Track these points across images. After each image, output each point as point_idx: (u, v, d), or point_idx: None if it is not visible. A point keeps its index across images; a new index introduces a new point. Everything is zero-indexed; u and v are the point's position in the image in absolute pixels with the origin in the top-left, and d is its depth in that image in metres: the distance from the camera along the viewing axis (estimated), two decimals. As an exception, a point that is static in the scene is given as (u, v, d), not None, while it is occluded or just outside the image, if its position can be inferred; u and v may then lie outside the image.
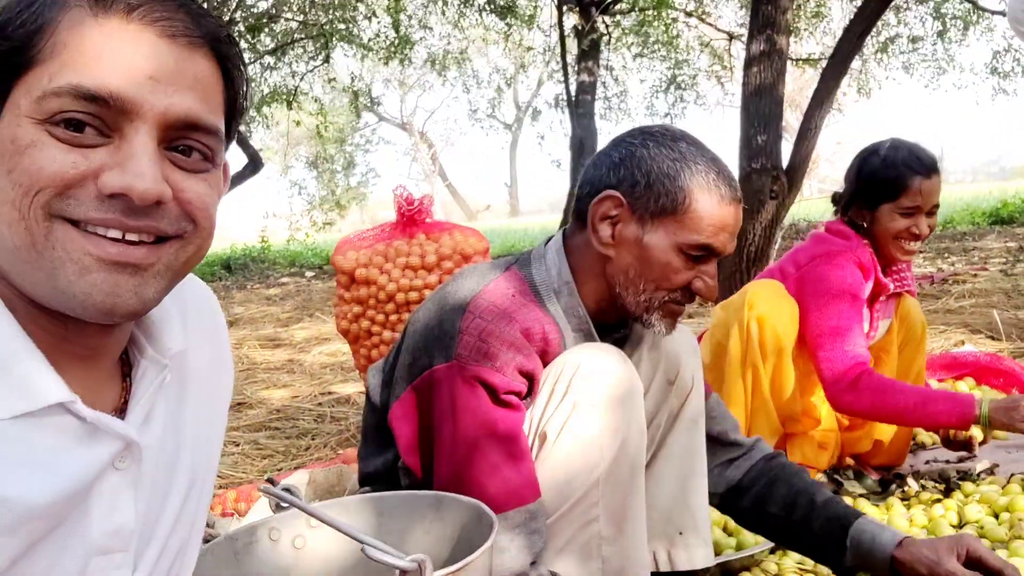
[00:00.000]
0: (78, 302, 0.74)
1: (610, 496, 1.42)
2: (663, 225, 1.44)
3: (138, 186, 0.73)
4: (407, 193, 2.98)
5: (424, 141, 38.81)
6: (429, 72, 33.02)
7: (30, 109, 0.73)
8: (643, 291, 1.47)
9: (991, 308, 5.22)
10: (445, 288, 1.52)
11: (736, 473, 1.73)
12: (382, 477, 1.58)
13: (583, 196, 1.52)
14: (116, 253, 0.74)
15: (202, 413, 0.96)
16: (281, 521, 1.32)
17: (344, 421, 3.65)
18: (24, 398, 0.74)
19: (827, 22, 14.12)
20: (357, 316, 2.86)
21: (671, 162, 1.44)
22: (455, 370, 1.38)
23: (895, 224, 2.30)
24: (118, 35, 0.74)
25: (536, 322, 1.44)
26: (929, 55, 14.79)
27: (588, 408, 1.40)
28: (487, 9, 12.90)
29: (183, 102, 0.76)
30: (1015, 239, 10.42)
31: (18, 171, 0.73)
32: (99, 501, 0.81)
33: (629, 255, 1.46)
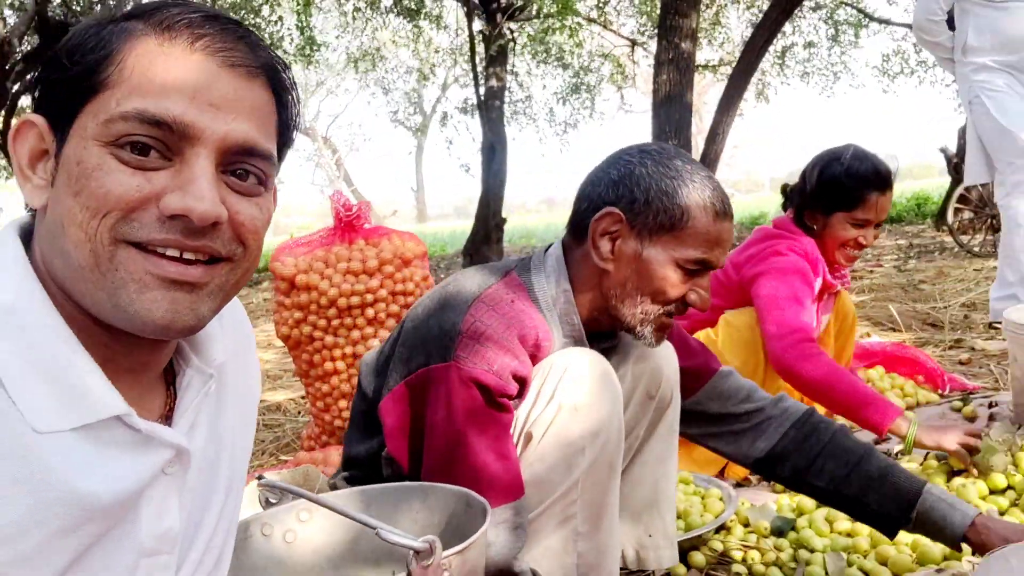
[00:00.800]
0: (139, 319, 0.78)
1: (588, 494, 1.50)
2: (661, 241, 1.51)
3: (198, 208, 0.77)
4: (344, 199, 3.02)
5: (328, 146, 38.31)
6: (332, 76, 32.65)
7: (97, 132, 0.77)
8: (639, 304, 1.53)
9: (889, 302, 5.55)
10: (446, 288, 1.56)
11: (764, 444, 1.78)
12: (364, 463, 1.62)
13: (581, 212, 1.58)
14: (175, 272, 0.78)
15: (238, 420, 1.00)
16: (272, 517, 1.36)
17: (279, 428, 3.65)
18: (85, 410, 0.78)
19: (727, 30, 14.61)
20: (298, 322, 2.88)
21: (669, 180, 1.51)
22: (453, 370, 1.42)
23: (845, 233, 2.40)
24: (182, 63, 0.79)
25: (532, 328, 1.50)
26: (823, 61, 15.49)
27: (572, 411, 1.46)
28: (394, 11, 12.88)
29: (241, 128, 0.81)
30: (905, 237, 11.02)
31: (85, 194, 0.76)
32: (148, 505, 0.85)
33: (627, 269, 1.53)
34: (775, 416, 1.79)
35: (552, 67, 15.68)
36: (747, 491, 2.40)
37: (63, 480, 0.76)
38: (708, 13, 13.70)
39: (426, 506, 1.38)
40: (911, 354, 3.39)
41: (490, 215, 12.08)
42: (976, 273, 6.56)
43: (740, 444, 1.81)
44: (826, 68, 15.55)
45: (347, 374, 2.87)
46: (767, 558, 1.98)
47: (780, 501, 2.23)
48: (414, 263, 2.95)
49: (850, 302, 2.76)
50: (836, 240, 2.43)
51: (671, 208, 1.50)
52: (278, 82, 0.86)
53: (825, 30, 14.80)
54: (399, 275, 2.88)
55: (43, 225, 0.82)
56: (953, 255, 8.30)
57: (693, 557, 1.98)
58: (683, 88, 6.77)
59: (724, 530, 2.11)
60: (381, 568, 1.38)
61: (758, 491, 2.41)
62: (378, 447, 1.59)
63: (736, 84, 6.98)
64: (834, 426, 1.79)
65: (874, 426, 2.19)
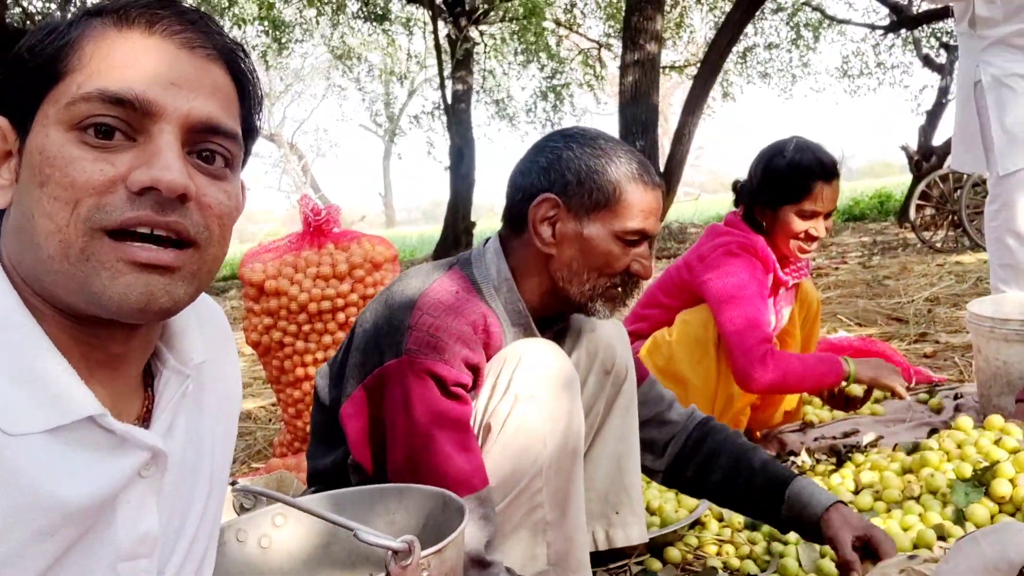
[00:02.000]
0: (114, 303, 0.77)
1: (553, 483, 1.51)
2: (599, 218, 1.55)
3: (164, 177, 0.76)
4: (312, 203, 3.00)
5: (294, 152, 38.08)
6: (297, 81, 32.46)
7: (58, 116, 0.76)
8: (587, 280, 1.58)
9: (854, 298, 5.62)
10: (391, 288, 1.58)
11: (675, 448, 1.84)
12: (331, 475, 1.61)
13: (516, 202, 1.61)
14: (147, 257, 0.77)
15: (218, 423, 0.99)
16: (246, 522, 1.35)
17: (250, 436, 3.61)
18: (57, 412, 0.77)
19: (690, 32, 14.74)
20: (268, 328, 2.85)
21: (596, 159, 1.56)
22: (405, 364, 1.44)
23: (794, 226, 2.40)
24: (141, 46, 0.79)
25: (480, 316, 1.52)
26: (785, 62, 15.69)
27: (529, 400, 1.48)
28: (361, 16, 12.85)
29: (204, 106, 0.80)
30: (868, 234, 11.17)
31: (51, 183, 0.75)
32: (125, 508, 0.84)
33: (570, 250, 1.57)
34: (686, 423, 1.86)
35: (521, 69, 15.71)
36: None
37: (36, 483, 0.75)
38: (673, 14, 13.82)
39: (403, 507, 1.38)
40: (878, 348, 3.44)
41: (459, 219, 12.09)
42: (939, 268, 6.67)
43: (654, 450, 1.86)
44: (787, 69, 15.77)
45: (319, 379, 2.85)
46: (742, 552, 2.00)
47: (753, 495, 2.24)
48: (385, 267, 2.94)
49: (813, 290, 2.78)
50: (786, 234, 2.43)
51: (603, 185, 1.55)
52: (238, 69, 0.86)
53: (787, 32, 14.99)
54: (370, 279, 2.87)
55: (8, 223, 0.81)
56: (916, 251, 8.44)
57: (669, 553, 1.99)
58: (649, 89, 6.81)
59: (699, 525, 2.13)
60: (357, 571, 1.38)
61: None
62: (343, 456, 1.59)
63: (701, 85, 7.04)
64: (727, 429, 1.85)
65: (835, 382, 2.37)
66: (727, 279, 2.39)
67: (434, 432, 1.43)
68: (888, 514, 2.05)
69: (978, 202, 8.05)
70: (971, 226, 7.97)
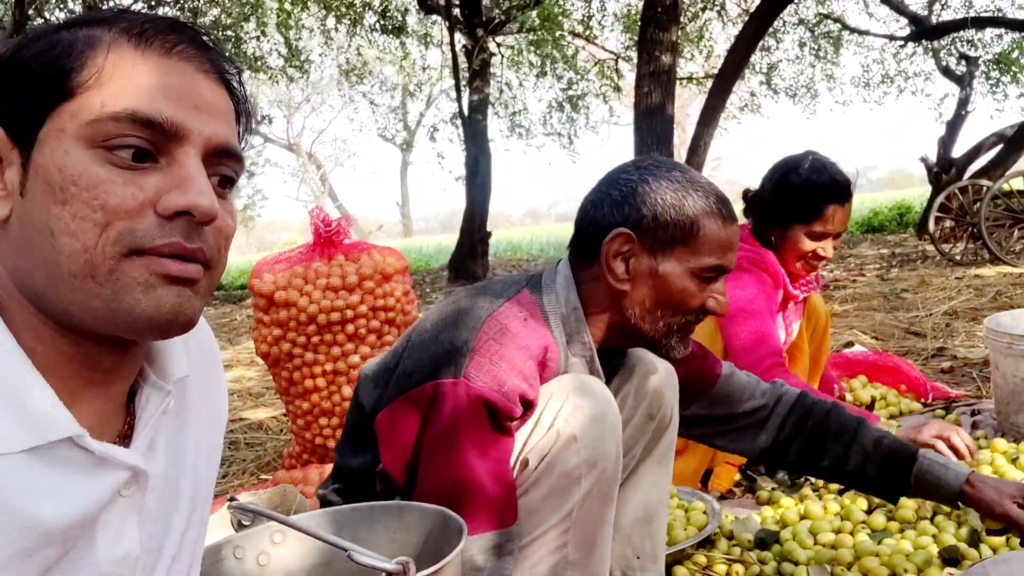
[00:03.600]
0: (146, 316, 0.76)
1: (581, 525, 1.47)
2: (675, 254, 1.50)
3: (202, 203, 0.77)
4: (324, 214, 2.99)
5: (313, 162, 38.31)
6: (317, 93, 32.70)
7: (80, 132, 0.75)
8: (660, 318, 1.53)
9: (872, 311, 5.57)
10: (458, 303, 1.53)
11: (766, 437, 1.86)
12: (357, 476, 1.58)
13: (587, 235, 1.55)
14: (178, 270, 0.78)
15: (201, 441, 0.97)
16: (245, 539, 1.33)
17: (260, 447, 3.61)
18: (34, 432, 0.75)
19: (711, 44, 14.71)
20: (277, 339, 2.85)
21: (672, 192, 1.50)
22: (461, 387, 1.39)
23: (803, 245, 2.34)
24: (163, 68, 0.78)
25: (542, 348, 1.47)
26: (807, 76, 15.62)
27: (570, 440, 1.43)
28: (378, 28, 12.92)
29: (221, 130, 0.81)
30: (887, 246, 11.10)
31: (77, 203, 0.74)
32: (105, 528, 0.82)
33: (645, 286, 1.52)
34: (774, 407, 1.87)
35: (537, 80, 15.74)
36: (731, 504, 2.39)
37: (14, 503, 0.73)
38: (692, 26, 13.80)
39: (403, 525, 1.36)
40: (893, 363, 3.39)
41: (475, 229, 12.09)
42: (958, 281, 6.60)
43: (744, 440, 1.89)
44: (807, 81, 15.69)
45: (327, 391, 2.84)
46: (751, 571, 1.97)
47: (764, 514, 2.22)
48: (395, 278, 2.93)
49: (822, 304, 2.75)
50: (794, 252, 2.37)
51: (680, 220, 1.49)
52: (236, 94, 0.87)
53: (807, 43, 14.93)
54: (379, 290, 2.86)
55: (8, 237, 0.79)
56: (935, 264, 8.36)
57: (676, 572, 1.96)
58: (664, 100, 6.79)
59: (708, 544, 2.10)
60: (357, 589, 1.36)
61: (742, 504, 2.39)
62: (371, 462, 1.55)
63: (717, 96, 7.01)
64: (827, 404, 1.87)
65: None
66: (735, 292, 2.34)
67: (474, 461, 1.39)
68: (902, 535, 2.01)
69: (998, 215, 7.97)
70: (991, 239, 7.89)
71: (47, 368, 0.78)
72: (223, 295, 13.19)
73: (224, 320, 9.18)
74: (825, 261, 2.41)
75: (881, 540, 1.96)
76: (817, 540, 2.04)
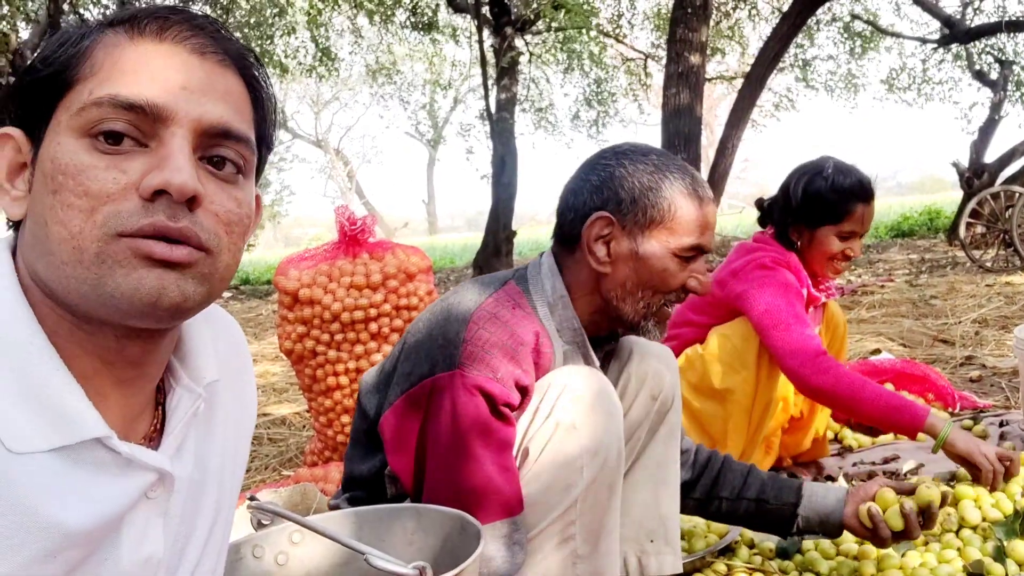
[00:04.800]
0: (126, 299, 0.75)
1: (588, 515, 1.47)
2: (654, 235, 1.53)
3: (175, 179, 0.75)
4: (349, 212, 3.00)
5: (340, 158, 38.48)
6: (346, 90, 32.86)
7: (69, 123, 0.76)
8: (641, 299, 1.56)
9: (900, 317, 5.50)
10: (447, 300, 1.55)
11: (686, 474, 1.87)
12: (368, 482, 1.59)
13: (568, 221, 1.59)
14: (161, 252, 0.76)
15: (228, 445, 0.97)
16: (263, 539, 1.33)
17: (283, 443, 3.63)
18: (62, 432, 0.76)
19: (741, 42, 14.60)
20: (301, 336, 2.86)
21: (648, 175, 1.54)
22: (457, 378, 1.41)
23: (832, 246, 2.39)
24: (152, 52, 0.78)
25: (533, 335, 1.50)
26: (835, 77, 15.46)
27: (569, 428, 1.45)
28: (408, 26, 12.94)
29: (215, 109, 0.80)
30: (916, 251, 10.96)
31: (64, 191, 0.75)
32: (130, 530, 0.82)
33: (625, 268, 1.55)
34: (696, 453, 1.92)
35: (565, 79, 15.72)
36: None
37: (39, 503, 0.74)
38: (723, 26, 13.70)
39: (420, 527, 1.35)
40: (921, 371, 3.35)
41: (500, 228, 12.08)
42: (988, 289, 6.51)
43: None
44: (840, 80, 15.52)
45: (350, 389, 2.85)
46: (772, 581, 1.95)
47: (786, 522, 2.19)
48: (418, 277, 2.93)
49: (839, 312, 2.73)
50: (824, 254, 2.42)
51: (657, 202, 1.53)
52: (250, 75, 0.85)
53: (839, 44, 14.78)
54: (403, 289, 2.86)
55: (24, 232, 0.80)
56: (965, 270, 8.25)
57: (696, 579, 1.95)
58: (692, 101, 6.75)
59: (729, 552, 2.08)
60: (376, 591, 1.36)
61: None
62: (380, 465, 1.57)
63: (746, 97, 6.95)
64: (721, 455, 1.94)
65: (908, 428, 2.15)
66: (769, 295, 2.33)
67: (478, 450, 1.40)
68: (926, 547, 1.98)
69: (1031, 221, 7.85)
70: (1022, 245, 7.76)
71: (71, 365, 0.78)
72: (249, 290, 13.29)
73: (250, 315, 9.25)
74: (853, 260, 2.44)
75: (905, 553, 1.94)
76: (840, 551, 2.02)
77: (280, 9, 12.03)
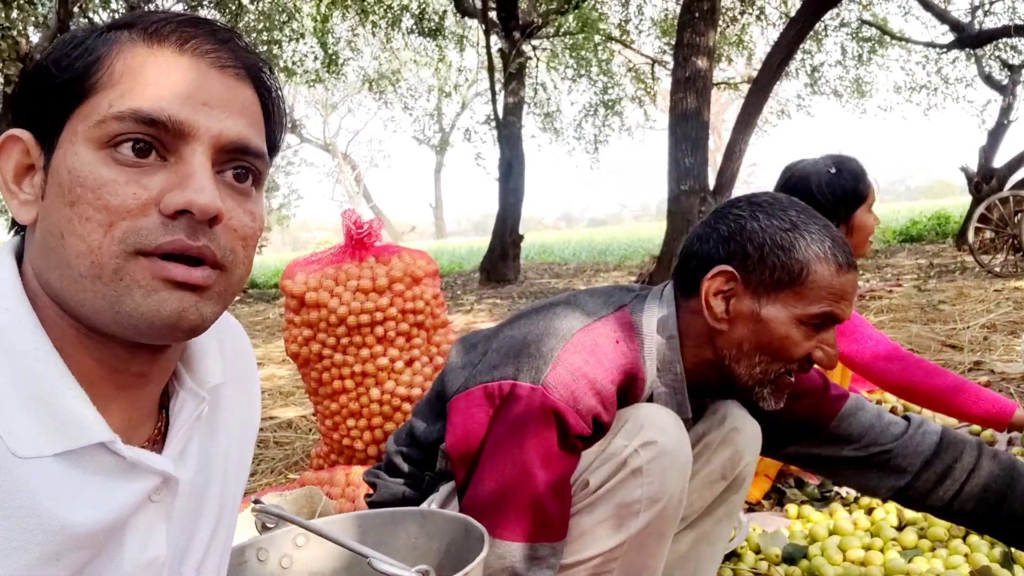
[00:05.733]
0: (145, 320, 0.76)
1: (632, 557, 1.44)
2: (780, 298, 1.42)
3: (199, 200, 0.75)
4: (356, 216, 3.01)
5: (348, 163, 38.58)
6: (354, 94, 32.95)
7: (88, 134, 0.75)
8: (758, 364, 1.44)
9: (909, 323, 5.48)
10: (556, 307, 1.51)
11: (893, 483, 1.66)
12: (424, 444, 1.58)
13: (689, 268, 1.50)
14: (180, 275, 0.76)
15: (232, 448, 0.97)
16: (268, 541, 1.34)
17: (289, 446, 3.63)
18: (66, 436, 0.76)
19: (750, 47, 14.59)
20: (307, 339, 2.86)
21: (784, 233, 1.42)
22: (538, 395, 1.37)
23: (869, 221, 2.52)
24: (172, 65, 0.78)
25: (630, 373, 1.44)
26: (849, 80, 15.42)
27: (635, 473, 1.40)
28: (415, 31, 12.97)
29: (235, 126, 0.79)
30: (925, 256, 10.93)
31: (83, 204, 0.74)
32: (134, 533, 0.83)
33: (744, 329, 1.44)
34: (904, 453, 1.65)
35: (572, 84, 15.71)
36: (759, 516, 2.36)
37: (43, 506, 0.74)
38: (730, 31, 13.70)
39: (424, 532, 1.35)
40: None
41: (507, 232, 12.10)
42: (996, 294, 6.48)
43: (864, 480, 1.69)
44: (848, 85, 15.48)
45: (356, 393, 2.85)
46: (778, 586, 1.94)
47: (792, 528, 2.19)
48: (425, 281, 2.94)
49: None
50: (866, 233, 2.53)
51: (788, 263, 1.40)
52: (264, 87, 0.85)
53: (848, 48, 14.74)
54: (409, 293, 2.86)
55: (34, 240, 0.80)
56: (974, 275, 8.22)
57: (702, 584, 1.94)
58: (700, 106, 6.74)
59: (735, 557, 2.07)
60: (380, 594, 1.36)
61: (770, 517, 2.36)
62: (439, 437, 1.54)
63: (753, 102, 6.95)
64: (973, 448, 1.65)
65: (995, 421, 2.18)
66: None
67: (537, 473, 1.37)
68: (933, 553, 1.97)
69: (1040, 226, 7.82)
70: (1032, 251, 7.74)
71: (76, 371, 0.78)
72: (257, 293, 13.33)
73: (257, 318, 9.27)
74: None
75: (912, 559, 1.93)
76: (846, 556, 2.01)
77: (289, 15, 12.07)
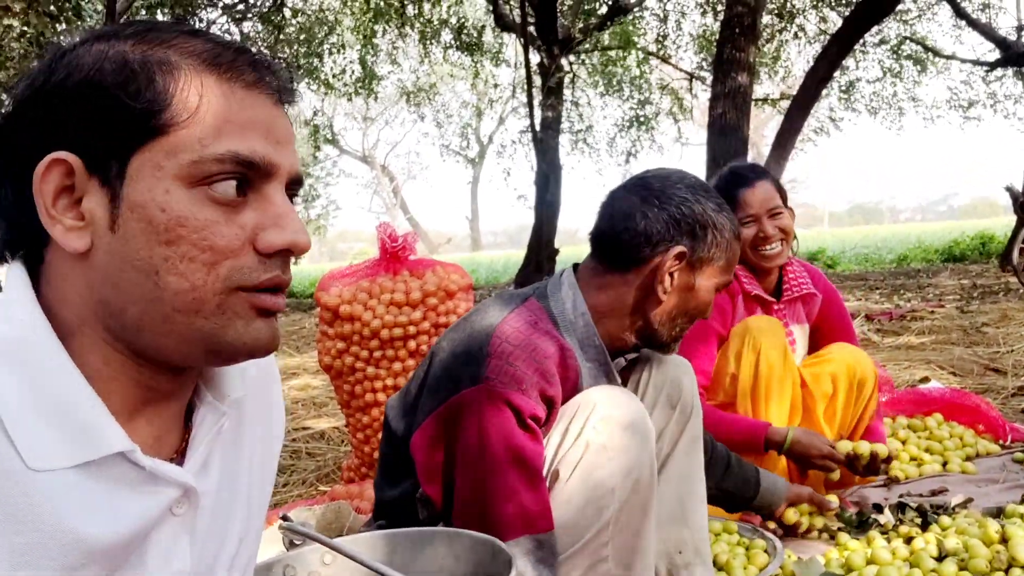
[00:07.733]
0: (247, 348, 0.81)
1: (620, 536, 1.46)
2: (710, 270, 1.63)
3: (301, 240, 0.81)
4: (391, 230, 3.01)
5: (386, 174, 38.88)
6: (392, 106, 33.24)
7: (180, 171, 0.76)
8: (677, 324, 1.64)
9: (950, 345, 5.37)
10: (469, 318, 1.58)
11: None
12: (398, 507, 1.59)
13: (625, 243, 1.61)
14: (272, 304, 0.81)
15: (255, 460, 0.97)
16: (295, 558, 1.33)
17: (321, 457, 3.64)
18: (85, 447, 0.76)
19: (788, 64, 14.49)
20: (341, 352, 2.87)
21: (723, 218, 1.63)
22: (483, 392, 1.42)
23: (746, 233, 2.47)
24: (249, 103, 0.80)
25: (558, 348, 1.51)
26: (888, 96, 15.25)
27: (600, 449, 1.44)
28: (453, 46, 13.05)
29: (296, 160, 0.84)
30: (968, 276, 10.73)
31: (184, 244, 0.76)
32: (156, 547, 0.82)
33: (677, 297, 1.62)
34: None
35: (611, 99, 15.72)
36: (794, 543, 2.31)
37: (59, 520, 0.73)
38: (770, 47, 13.61)
39: (451, 553, 1.34)
40: (972, 402, 3.25)
41: (542, 245, 12.09)
42: (1042, 317, 6.32)
43: None
44: (889, 101, 15.30)
45: (388, 406, 2.85)
46: (813, 616, 1.89)
47: (828, 555, 2.13)
48: (458, 295, 2.93)
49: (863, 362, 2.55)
50: (744, 245, 2.50)
51: (722, 242, 1.62)
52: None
53: (888, 65, 14.58)
54: (442, 307, 2.86)
55: (91, 269, 0.78)
56: (1018, 297, 8.04)
57: (734, 611, 1.90)
58: (739, 121, 6.69)
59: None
60: (406, 614, 1.34)
61: (806, 544, 2.31)
62: (411, 489, 1.56)
63: (793, 119, 6.88)
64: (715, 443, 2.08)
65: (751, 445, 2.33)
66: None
67: (505, 465, 1.41)
68: (974, 586, 1.91)
69: (1087, 248, 7.64)
70: (1079, 273, 7.56)
71: (109, 389, 0.79)
72: (293, 303, 13.44)
73: (294, 328, 9.33)
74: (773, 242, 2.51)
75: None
76: (883, 584, 1.95)
77: (330, 28, 12.20)
